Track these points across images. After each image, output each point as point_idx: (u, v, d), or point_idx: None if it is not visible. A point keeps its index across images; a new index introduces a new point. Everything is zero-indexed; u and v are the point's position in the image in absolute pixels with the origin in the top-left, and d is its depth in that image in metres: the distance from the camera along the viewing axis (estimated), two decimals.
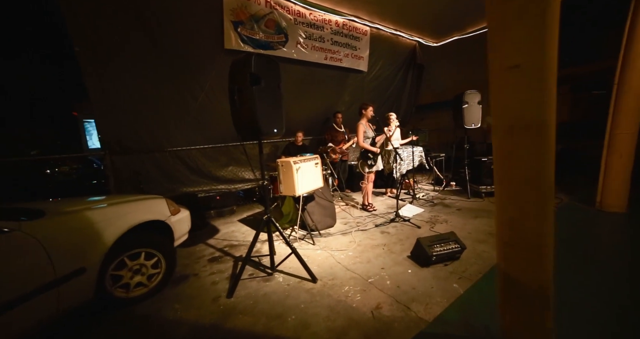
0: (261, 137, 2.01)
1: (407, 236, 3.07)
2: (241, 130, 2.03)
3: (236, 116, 2.01)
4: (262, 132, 1.95)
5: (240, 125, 2.02)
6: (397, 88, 6.45)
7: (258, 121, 1.90)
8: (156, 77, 3.56)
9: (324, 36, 4.52)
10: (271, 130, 2.05)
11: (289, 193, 2.85)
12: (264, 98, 1.96)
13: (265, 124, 1.97)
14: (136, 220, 1.96)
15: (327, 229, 3.49)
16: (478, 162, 4.40)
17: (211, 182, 4.63)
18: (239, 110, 1.96)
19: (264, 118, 1.96)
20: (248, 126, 1.97)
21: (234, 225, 3.95)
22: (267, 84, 1.98)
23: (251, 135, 2.01)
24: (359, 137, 3.91)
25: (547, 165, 1.09)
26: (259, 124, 1.92)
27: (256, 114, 1.89)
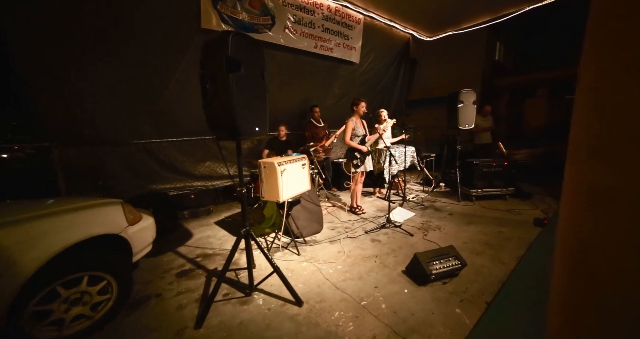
0: (239, 137, 1.64)
1: (400, 245, 2.85)
2: (215, 127, 1.65)
3: (209, 110, 1.62)
4: (241, 131, 1.59)
5: (213, 121, 1.64)
6: (389, 83, 6.18)
7: (236, 117, 1.53)
8: (118, 60, 3.02)
9: (315, 21, 4.11)
10: (252, 128, 1.68)
11: (271, 198, 2.51)
12: (244, 89, 1.59)
13: (244, 121, 1.60)
14: (76, 236, 1.55)
15: (313, 235, 3.20)
16: (470, 165, 4.27)
17: (185, 179, 4.17)
18: (212, 102, 1.57)
19: (244, 114, 1.59)
20: (223, 123, 1.60)
21: (209, 228, 3.56)
22: (248, 72, 1.61)
23: (227, 134, 1.64)
24: (346, 134, 3.60)
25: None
26: (237, 121, 1.55)
27: (233, 108, 1.52)
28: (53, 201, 1.80)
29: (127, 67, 3.10)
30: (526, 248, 2.60)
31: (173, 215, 3.79)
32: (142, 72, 3.18)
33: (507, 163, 4.21)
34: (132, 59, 3.09)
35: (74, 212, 1.65)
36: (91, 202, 1.84)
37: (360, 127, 3.66)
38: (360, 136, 3.64)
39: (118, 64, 3.04)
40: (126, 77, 3.14)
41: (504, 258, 2.45)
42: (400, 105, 6.84)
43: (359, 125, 3.66)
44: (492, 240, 2.87)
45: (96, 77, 2.96)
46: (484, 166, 4.18)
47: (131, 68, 3.12)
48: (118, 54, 3.01)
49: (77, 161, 3.11)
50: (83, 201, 1.83)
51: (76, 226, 1.59)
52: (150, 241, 2.21)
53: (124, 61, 3.06)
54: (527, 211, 3.72)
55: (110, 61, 2.99)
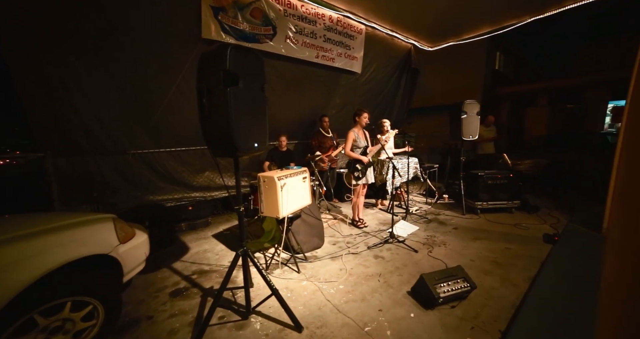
0: (236, 153, 1.56)
1: (404, 263, 2.73)
2: (211, 143, 1.57)
3: (205, 125, 1.55)
4: (239, 148, 1.51)
5: (210, 136, 1.56)
6: (390, 93, 6.16)
7: (233, 133, 1.46)
8: (117, 67, 2.98)
9: (316, 32, 4.10)
10: (250, 144, 1.60)
11: (271, 214, 2.42)
12: (243, 104, 1.52)
13: (242, 137, 1.53)
14: (61, 258, 1.45)
15: (314, 250, 3.09)
16: (474, 177, 4.18)
17: (183, 189, 4.08)
18: (209, 117, 1.50)
19: (242, 130, 1.52)
20: (220, 139, 1.52)
21: (207, 241, 3.44)
22: (248, 85, 1.54)
23: (224, 150, 1.56)
24: (346, 145, 3.53)
25: None
26: (235, 137, 1.47)
27: (230, 124, 1.44)
28: (38, 218, 1.70)
29: (125, 76, 3.06)
30: (537, 268, 2.48)
31: (170, 227, 3.68)
32: (140, 81, 3.13)
33: (512, 175, 4.12)
34: (130, 68, 3.05)
35: (59, 231, 1.56)
36: (80, 219, 1.75)
37: (362, 138, 3.59)
38: (361, 147, 3.56)
39: (116, 73, 3.00)
40: (124, 86, 3.09)
41: (515, 278, 2.33)
42: (402, 115, 6.80)
43: (361, 136, 3.59)
44: (501, 257, 2.75)
45: (93, 85, 2.91)
46: (489, 178, 4.09)
47: (129, 77, 3.07)
48: (116, 62, 2.97)
49: (72, 171, 3.03)
50: (71, 218, 1.74)
51: (61, 247, 1.50)
52: (143, 259, 2.11)
53: (122, 70, 3.02)
54: (535, 226, 3.60)
55: (108, 70, 2.95)
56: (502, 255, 2.80)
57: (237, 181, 1.75)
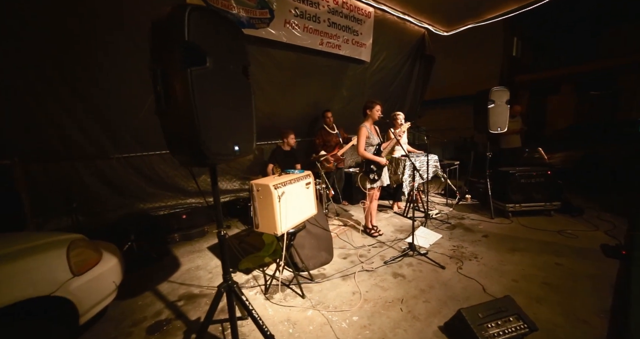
0: (206, 161, 1.13)
1: (430, 283, 2.26)
2: (175, 148, 1.15)
3: (165, 122, 1.12)
4: (209, 153, 1.07)
5: (171, 138, 1.13)
6: (402, 83, 5.61)
7: (200, 133, 1.02)
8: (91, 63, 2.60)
9: (320, 15, 3.62)
10: (228, 148, 1.17)
11: (267, 230, 1.99)
12: (215, 91, 1.09)
13: (215, 138, 1.09)
14: None
15: (321, 267, 2.66)
16: (504, 175, 3.64)
17: (177, 195, 3.72)
18: (167, 112, 1.07)
19: (214, 128, 1.08)
20: (183, 141, 1.09)
21: (201, 255, 3.07)
22: (221, 66, 1.10)
23: (190, 156, 1.13)
24: (359, 144, 3.06)
25: None
26: (202, 138, 1.03)
27: (195, 120, 1.01)
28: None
29: (104, 71, 2.68)
30: (610, 293, 1.97)
31: (160, 239, 3.32)
32: (120, 75, 2.74)
33: (550, 173, 3.55)
34: (109, 61, 2.66)
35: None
36: (20, 247, 1.36)
37: (374, 134, 3.11)
38: (375, 145, 3.09)
39: (92, 68, 2.62)
40: (102, 83, 2.71)
41: (582, 311, 1.82)
42: (415, 107, 6.25)
43: (373, 132, 3.11)
44: (552, 277, 2.24)
45: (64, 77, 2.54)
46: (522, 176, 3.54)
47: (108, 71, 2.69)
48: (92, 57, 2.59)
49: (47, 179, 2.70)
50: (11, 244, 1.35)
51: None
52: (112, 290, 1.72)
53: (100, 64, 2.64)
54: (586, 233, 3.05)
55: (83, 64, 2.57)
56: (554, 274, 2.28)
57: (215, 198, 1.33)
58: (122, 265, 1.84)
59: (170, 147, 1.13)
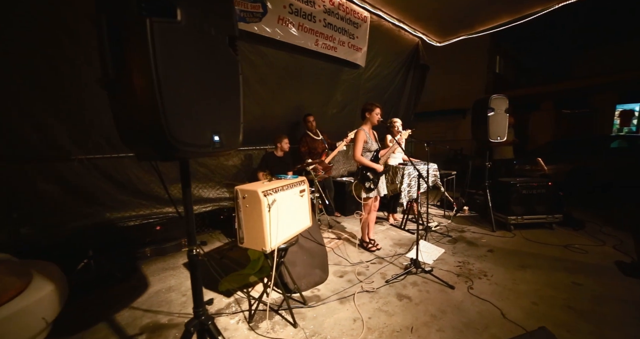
0: (173, 153, 0.82)
1: (441, 307, 1.97)
2: (127, 133, 0.83)
3: (114, 97, 0.81)
4: (174, 144, 0.76)
5: (122, 120, 0.82)
6: (397, 91, 5.52)
7: (164, 115, 0.72)
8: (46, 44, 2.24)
9: (315, 14, 3.45)
10: (204, 137, 0.87)
11: (254, 245, 1.66)
12: (187, 60, 0.79)
13: (187, 123, 0.79)
14: None
15: (315, 287, 2.32)
16: (505, 185, 3.49)
17: (152, 204, 3.29)
18: (117, 82, 0.76)
19: (186, 110, 0.79)
20: (141, 126, 0.78)
21: (175, 273, 2.65)
22: (198, 26, 0.82)
23: (152, 147, 0.81)
24: (356, 149, 2.81)
25: None
26: (167, 123, 0.73)
27: (157, 96, 0.71)
28: None
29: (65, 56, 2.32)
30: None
31: (129, 253, 2.88)
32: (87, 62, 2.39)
33: (551, 184, 3.44)
34: (73, 45, 2.31)
35: None
36: None
37: (373, 139, 2.88)
38: (373, 151, 2.85)
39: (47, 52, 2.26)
40: (62, 70, 2.35)
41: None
42: (408, 117, 6.15)
43: (372, 137, 2.88)
44: (574, 299, 2.01)
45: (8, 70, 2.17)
46: (524, 187, 3.40)
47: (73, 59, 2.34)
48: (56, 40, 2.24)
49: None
50: None
51: None
52: (40, 329, 1.31)
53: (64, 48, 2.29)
54: (593, 248, 2.89)
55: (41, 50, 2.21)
56: (575, 296, 2.06)
57: (186, 206, 1.01)
58: (62, 293, 1.44)
59: (122, 133, 0.82)
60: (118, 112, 0.80)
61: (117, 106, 0.80)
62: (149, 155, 0.86)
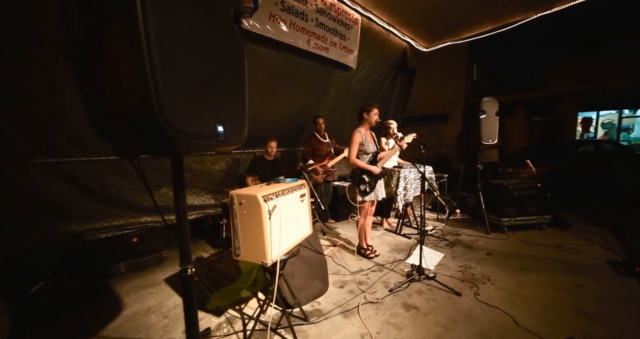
0: (169, 145, 0.63)
1: (451, 316, 1.86)
2: (103, 118, 0.63)
3: (84, 65, 0.61)
4: (171, 133, 0.58)
5: (96, 100, 0.62)
6: (386, 95, 5.53)
7: (158, 94, 0.54)
8: None
9: (308, 13, 3.34)
10: (207, 126, 0.69)
11: (252, 258, 1.46)
12: (184, 28, 0.62)
13: (186, 108, 0.61)
14: None
15: (315, 300, 2.13)
16: (498, 187, 3.51)
17: (128, 213, 2.97)
18: (86, 47, 0.57)
19: (184, 90, 0.61)
20: (124, 107, 0.58)
21: (155, 291, 2.34)
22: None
23: (140, 137, 0.62)
24: (351, 150, 2.70)
25: None
26: (163, 104, 0.55)
27: (148, 66, 0.52)
28: None
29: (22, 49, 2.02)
30: None
31: (99, 271, 2.53)
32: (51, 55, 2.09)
33: (540, 185, 3.50)
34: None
35: None
36: None
37: (370, 141, 2.77)
38: (370, 153, 2.74)
39: None
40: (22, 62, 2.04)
41: None
42: (397, 121, 6.17)
43: (369, 139, 2.77)
44: (583, 302, 1.98)
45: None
46: (516, 189, 3.43)
47: None
48: None
49: None
50: None
51: None
52: None
53: None
54: (585, 248, 2.94)
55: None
56: (583, 299, 2.03)
57: (179, 215, 0.81)
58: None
59: (94, 119, 0.62)
60: (89, 89, 0.60)
61: (87, 81, 0.60)
62: (133, 148, 0.66)
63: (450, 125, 11.93)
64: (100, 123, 0.63)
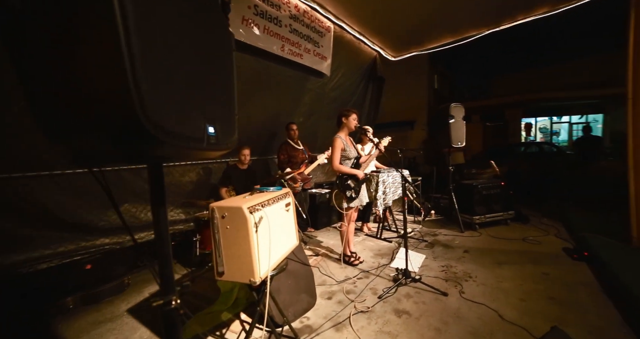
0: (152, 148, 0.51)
1: (442, 318, 1.86)
2: (52, 115, 0.49)
3: (24, 43, 0.47)
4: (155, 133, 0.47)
5: (46, 87, 0.48)
6: (358, 103, 5.66)
7: (135, 76, 0.43)
8: None
9: (281, 19, 3.30)
10: (196, 126, 0.58)
11: (238, 277, 1.32)
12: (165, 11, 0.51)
13: (172, 103, 0.50)
14: None
15: (304, 315, 2.00)
16: (469, 188, 3.73)
17: (79, 235, 2.59)
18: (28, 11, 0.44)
19: (168, 82, 0.50)
20: (86, 98, 0.46)
21: (115, 326, 2.01)
22: None
23: (113, 137, 0.49)
24: (334, 156, 2.67)
25: None
26: (143, 95, 0.44)
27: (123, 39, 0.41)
28: None
29: None
30: (608, 302, 1.90)
31: (37, 310, 2.11)
32: None
33: (504, 184, 3.79)
34: None
35: None
36: None
37: (351, 146, 2.77)
38: (352, 158, 2.73)
39: None
40: None
41: (606, 328, 1.67)
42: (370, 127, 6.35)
43: (350, 144, 2.77)
44: (551, 290, 2.13)
45: None
46: (484, 188, 3.67)
47: None
48: None
49: None
50: None
51: None
52: None
53: None
54: (543, 239, 3.22)
55: None
56: (550, 287, 2.18)
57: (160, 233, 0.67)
58: None
59: (44, 115, 0.48)
60: (36, 76, 0.47)
61: (32, 65, 0.46)
62: (100, 155, 0.53)
63: (416, 131, 12.66)
64: (54, 123, 0.49)
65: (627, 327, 1.67)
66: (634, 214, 2.53)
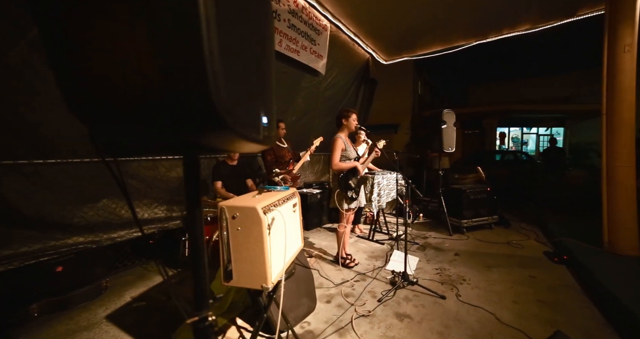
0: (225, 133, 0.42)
1: (442, 321, 1.88)
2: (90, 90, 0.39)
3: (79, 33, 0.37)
4: (229, 121, 0.38)
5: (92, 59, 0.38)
6: (350, 103, 5.66)
7: (212, 56, 0.34)
8: None
9: (280, 12, 3.19)
10: (253, 114, 0.50)
11: (249, 283, 1.22)
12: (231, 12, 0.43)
13: (238, 91, 0.42)
14: None
15: (305, 319, 1.92)
16: (458, 192, 3.84)
17: (48, 233, 2.32)
18: None
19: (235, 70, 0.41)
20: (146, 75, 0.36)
21: (92, 335, 1.81)
22: None
23: (181, 115, 0.39)
24: (334, 156, 2.62)
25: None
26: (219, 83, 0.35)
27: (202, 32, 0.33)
28: None
29: None
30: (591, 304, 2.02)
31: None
32: None
33: (489, 189, 3.95)
34: None
35: None
36: None
37: (351, 147, 2.74)
38: (352, 159, 2.70)
39: None
40: None
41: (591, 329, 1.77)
42: None
43: (350, 145, 2.74)
44: (540, 293, 2.22)
45: None
46: (472, 193, 3.80)
47: None
48: None
49: None
50: None
51: None
52: None
53: None
54: (525, 243, 3.39)
55: None
56: (538, 289, 2.28)
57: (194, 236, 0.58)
58: None
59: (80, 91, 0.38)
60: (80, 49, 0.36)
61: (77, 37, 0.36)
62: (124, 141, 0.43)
63: (399, 134, 12.99)
64: (93, 102, 0.38)
65: (610, 327, 1.78)
66: (606, 222, 2.72)
